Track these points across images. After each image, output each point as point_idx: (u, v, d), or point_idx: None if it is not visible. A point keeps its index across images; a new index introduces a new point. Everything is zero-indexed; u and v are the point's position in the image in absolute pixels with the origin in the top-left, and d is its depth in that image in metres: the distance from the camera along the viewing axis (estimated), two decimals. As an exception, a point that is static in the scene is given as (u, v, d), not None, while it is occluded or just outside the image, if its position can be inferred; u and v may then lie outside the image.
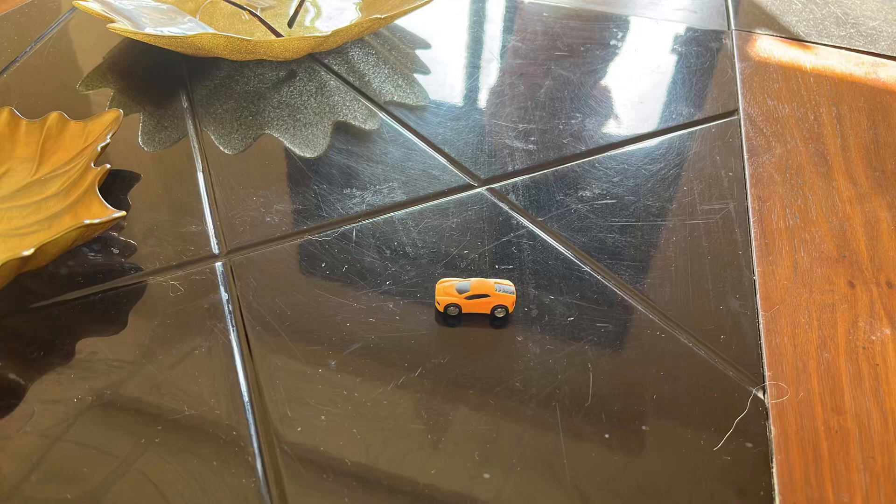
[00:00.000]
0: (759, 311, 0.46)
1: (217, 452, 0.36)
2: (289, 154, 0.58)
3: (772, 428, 0.39)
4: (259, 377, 0.40)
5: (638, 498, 0.36)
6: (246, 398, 0.39)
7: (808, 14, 0.81)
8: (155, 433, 0.37)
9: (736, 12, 0.82)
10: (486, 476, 0.36)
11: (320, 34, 0.65)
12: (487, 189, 0.55)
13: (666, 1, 0.85)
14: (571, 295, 0.43)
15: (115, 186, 0.54)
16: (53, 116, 0.55)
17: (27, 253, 0.41)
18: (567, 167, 0.57)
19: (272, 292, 0.45)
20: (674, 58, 0.73)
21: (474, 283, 0.44)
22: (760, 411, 0.40)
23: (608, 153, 0.59)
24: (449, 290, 0.44)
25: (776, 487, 0.37)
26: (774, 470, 0.37)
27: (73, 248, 0.47)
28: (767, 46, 0.74)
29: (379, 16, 0.66)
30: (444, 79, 0.69)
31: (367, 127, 0.61)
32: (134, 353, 0.41)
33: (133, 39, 0.66)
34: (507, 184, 0.55)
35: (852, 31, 0.77)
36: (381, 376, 0.40)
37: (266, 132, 0.60)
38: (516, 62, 0.72)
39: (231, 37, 0.62)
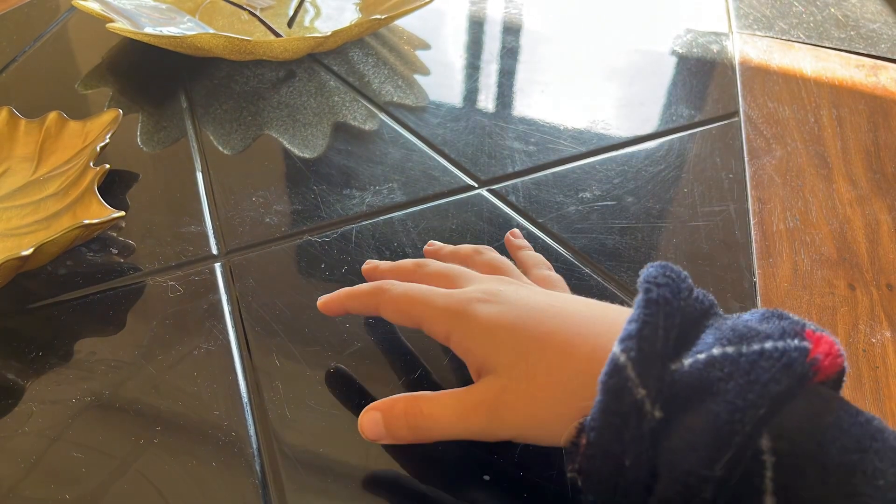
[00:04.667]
0: (760, 313, 0.46)
1: (216, 453, 0.36)
2: (288, 154, 0.58)
3: (772, 430, 0.39)
4: (258, 378, 0.40)
5: (638, 500, 0.36)
6: (245, 399, 0.39)
7: (809, 16, 0.81)
8: (154, 434, 0.37)
9: (736, 14, 0.82)
10: (486, 477, 0.36)
11: (320, 34, 0.65)
12: (487, 190, 0.55)
13: (666, 2, 0.85)
14: (571, 296, 0.43)
15: (113, 186, 0.53)
16: (52, 116, 0.55)
17: (26, 253, 0.41)
18: (567, 168, 0.57)
19: (271, 293, 0.45)
20: (674, 59, 0.73)
21: None
22: (761, 414, 0.40)
23: (608, 154, 0.59)
24: None
25: (776, 490, 0.36)
26: (775, 472, 0.37)
27: (72, 248, 0.47)
28: (768, 48, 0.75)
29: (379, 16, 0.66)
30: (443, 79, 0.69)
31: (366, 127, 0.61)
32: (132, 353, 0.41)
33: (132, 39, 0.66)
34: (507, 185, 0.55)
35: (853, 33, 0.77)
36: (381, 377, 0.40)
37: (265, 132, 0.60)
38: (516, 63, 0.72)
39: (230, 37, 0.62)
